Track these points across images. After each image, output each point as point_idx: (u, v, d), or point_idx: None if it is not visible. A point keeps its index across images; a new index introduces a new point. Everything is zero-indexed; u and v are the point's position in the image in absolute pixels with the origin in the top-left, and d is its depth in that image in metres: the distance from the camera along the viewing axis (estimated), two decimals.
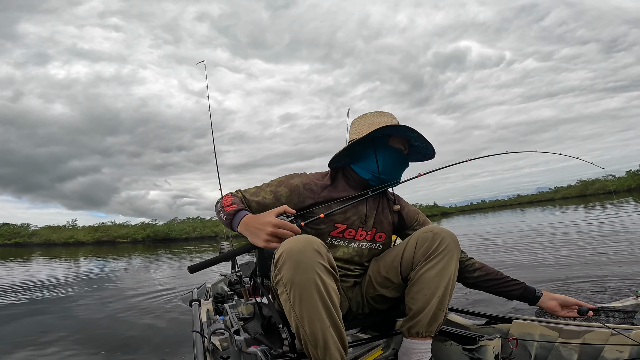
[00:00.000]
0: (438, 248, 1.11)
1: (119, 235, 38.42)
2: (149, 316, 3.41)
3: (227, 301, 2.23)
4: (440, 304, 1.10)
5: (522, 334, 1.26)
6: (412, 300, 1.13)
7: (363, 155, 1.29)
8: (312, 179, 1.27)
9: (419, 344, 1.12)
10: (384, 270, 1.22)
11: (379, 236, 1.30)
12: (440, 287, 1.09)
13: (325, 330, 0.92)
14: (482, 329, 1.40)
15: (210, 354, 1.16)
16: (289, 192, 1.21)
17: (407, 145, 1.31)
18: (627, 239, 5.34)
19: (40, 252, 21.37)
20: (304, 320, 0.92)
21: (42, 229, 42.07)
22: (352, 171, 1.32)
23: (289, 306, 0.93)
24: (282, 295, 0.95)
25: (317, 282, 0.90)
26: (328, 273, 0.94)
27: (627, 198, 21.68)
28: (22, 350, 2.43)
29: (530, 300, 1.25)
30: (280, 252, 0.94)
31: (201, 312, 1.69)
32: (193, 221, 45.45)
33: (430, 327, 1.11)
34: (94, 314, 3.65)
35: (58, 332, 2.89)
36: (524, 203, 70.86)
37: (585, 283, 3.03)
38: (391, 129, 1.24)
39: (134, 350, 2.36)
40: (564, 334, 1.16)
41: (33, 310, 3.94)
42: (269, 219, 0.95)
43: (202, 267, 1.06)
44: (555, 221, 11.40)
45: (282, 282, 0.93)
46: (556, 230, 8.13)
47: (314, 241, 0.94)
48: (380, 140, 1.28)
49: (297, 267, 0.90)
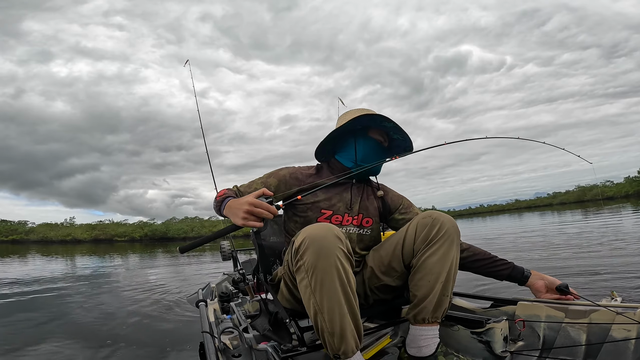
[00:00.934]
0: (438, 233, 1.12)
1: (116, 234, 38.27)
2: (153, 318, 3.40)
3: (233, 300, 2.24)
4: (444, 290, 1.10)
5: (528, 315, 1.27)
6: (416, 287, 1.14)
7: (344, 145, 1.40)
8: (298, 170, 1.39)
9: (426, 330, 1.13)
10: (386, 259, 1.23)
11: (366, 221, 1.35)
12: (442, 272, 1.10)
13: (344, 317, 0.94)
14: (489, 312, 1.41)
15: (221, 353, 1.17)
16: (277, 181, 1.32)
17: (386, 137, 1.41)
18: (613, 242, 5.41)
19: (36, 249, 21.25)
20: (323, 307, 0.93)
21: (40, 227, 41.93)
22: (336, 161, 1.42)
23: (309, 292, 0.95)
24: (302, 281, 0.97)
25: (339, 267, 0.93)
26: (347, 259, 0.97)
27: (624, 204, 21.77)
28: (17, 350, 2.40)
29: (519, 280, 1.31)
30: (303, 238, 0.96)
31: (209, 313, 1.70)
32: (191, 221, 45.39)
33: (436, 313, 1.12)
34: (94, 315, 3.61)
35: (54, 332, 2.85)
36: (522, 208, 71.17)
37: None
38: (368, 119, 1.32)
39: (132, 350, 2.35)
40: (570, 314, 1.17)
41: (27, 308, 3.87)
42: (247, 199, 1.00)
43: (192, 247, 1.12)
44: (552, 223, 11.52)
45: (304, 268, 0.95)
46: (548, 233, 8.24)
47: (334, 228, 0.98)
48: (360, 132, 1.38)
49: (319, 252, 0.93)
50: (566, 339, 1.15)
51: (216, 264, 7.44)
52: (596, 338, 1.09)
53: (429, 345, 1.11)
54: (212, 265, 3.60)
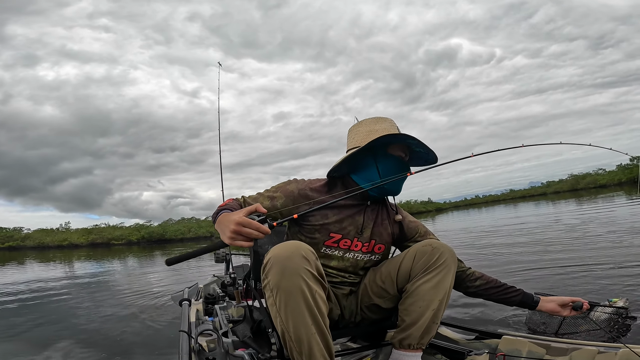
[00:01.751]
0: (437, 262, 1.11)
1: (113, 237, 38.06)
2: (141, 317, 3.40)
3: (218, 302, 2.20)
4: (434, 317, 1.10)
5: (510, 349, 1.26)
6: (406, 312, 1.13)
7: (362, 164, 1.26)
8: (307, 185, 1.26)
9: (409, 356, 1.12)
10: (380, 280, 1.21)
11: (378, 248, 1.28)
12: (435, 300, 1.09)
13: (310, 336, 0.92)
14: (471, 343, 1.40)
15: (195, 354, 1.15)
16: (285, 197, 1.21)
17: (407, 151, 1.28)
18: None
19: (33, 255, 21.14)
20: (289, 326, 0.92)
21: (35, 232, 41.61)
22: (351, 181, 1.29)
23: (275, 311, 0.94)
24: (269, 299, 0.96)
25: (303, 288, 0.91)
26: (315, 280, 0.95)
27: (618, 192, 22.01)
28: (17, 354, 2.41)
29: (530, 305, 1.26)
30: (269, 257, 0.95)
31: (190, 312, 1.68)
32: (188, 221, 45.23)
33: (422, 340, 1.11)
34: (85, 316, 3.63)
35: (50, 334, 2.88)
36: (517, 198, 71.49)
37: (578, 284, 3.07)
38: (391, 137, 1.20)
39: (124, 351, 2.34)
40: (552, 351, 1.15)
41: (26, 313, 3.91)
42: (235, 217, 0.92)
43: (179, 260, 1.05)
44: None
45: (269, 287, 0.95)
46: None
47: (302, 247, 0.95)
48: (380, 149, 1.24)
49: (283, 272, 0.91)
50: None
51: (219, 265, 7.44)
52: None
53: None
54: (214, 268, 3.60)
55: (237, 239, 0.91)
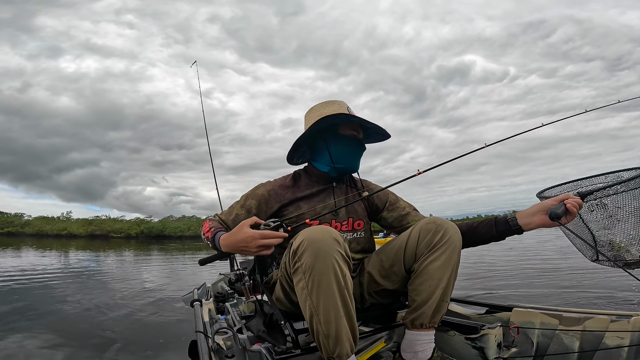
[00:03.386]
0: (442, 239, 1.11)
1: (112, 230, 38.06)
2: (149, 317, 3.38)
3: (228, 300, 2.23)
4: (443, 295, 1.10)
5: (522, 322, 1.27)
6: (416, 291, 1.13)
7: (317, 148, 1.33)
8: (274, 184, 1.32)
9: (422, 335, 1.13)
10: (387, 263, 1.22)
11: (357, 224, 1.33)
12: (444, 278, 1.10)
13: (340, 319, 0.93)
14: (483, 318, 1.41)
15: (215, 353, 1.16)
16: (257, 202, 1.27)
17: (359, 129, 1.32)
18: None
19: (31, 242, 21.08)
20: (319, 308, 0.93)
21: (36, 220, 41.66)
22: (312, 167, 1.36)
23: (306, 294, 0.95)
24: (299, 283, 0.97)
25: (336, 269, 0.93)
26: (344, 261, 0.97)
27: None
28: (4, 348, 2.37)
29: (512, 231, 1.15)
30: (301, 240, 0.96)
31: (203, 312, 1.69)
32: (188, 219, 45.24)
33: (434, 318, 1.12)
34: (86, 313, 3.58)
35: (40, 328, 2.82)
36: None
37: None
38: (334, 117, 1.25)
39: (134, 352, 2.33)
40: (564, 322, 1.17)
41: (17, 306, 3.80)
42: (250, 234, 1.01)
43: (211, 260, 1.15)
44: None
45: (301, 269, 0.95)
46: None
47: (332, 231, 0.98)
48: (329, 131, 1.29)
49: (317, 254, 0.93)
50: (559, 346, 1.15)
51: (219, 265, 7.43)
52: (589, 346, 1.10)
53: (425, 351, 1.11)
54: (214, 268, 3.62)
55: (262, 250, 1.01)
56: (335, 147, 1.29)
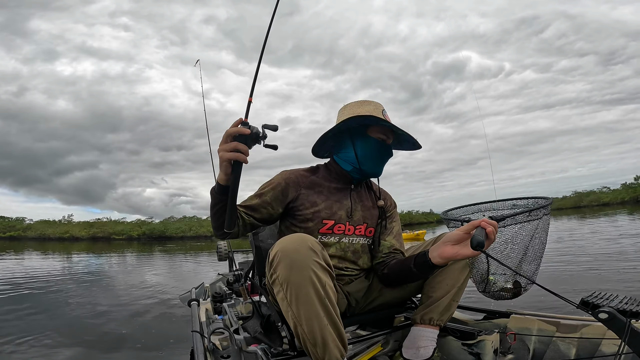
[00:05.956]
0: None
1: (114, 232, 38.17)
2: (147, 316, 3.38)
3: (226, 300, 2.22)
4: (456, 295, 1.17)
5: (520, 328, 1.27)
6: (433, 289, 1.19)
7: (343, 145, 1.28)
8: (293, 172, 1.27)
9: (428, 331, 1.17)
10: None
11: (369, 231, 1.30)
12: (460, 279, 1.17)
13: (324, 328, 0.92)
14: (481, 324, 1.42)
15: (210, 353, 1.17)
16: (272, 190, 1.21)
17: (391, 134, 1.27)
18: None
19: (34, 246, 21.16)
20: (301, 319, 0.91)
21: (37, 223, 41.87)
22: (334, 163, 1.32)
23: (286, 305, 0.93)
24: (278, 294, 0.95)
25: (314, 280, 0.90)
26: (324, 270, 0.94)
27: (621, 211, 21.83)
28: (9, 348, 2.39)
29: (426, 266, 1.07)
30: (275, 252, 0.94)
31: (200, 312, 1.69)
32: (189, 220, 45.31)
33: (443, 316, 1.17)
34: (87, 313, 3.59)
35: (47, 331, 2.86)
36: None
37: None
38: (363, 118, 1.21)
39: (133, 350, 2.34)
40: (562, 329, 1.17)
41: (21, 308, 3.84)
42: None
43: (228, 219, 1.00)
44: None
45: (278, 282, 0.93)
46: None
47: (308, 239, 0.94)
48: (358, 131, 1.26)
49: (292, 265, 0.90)
50: (556, 353, 1.15)
51: (219, 264, 7.45)
52: (586, 353, 1.10)
53: (427, 347, 1.14)
54: (214, 268, 3.60)
55: (227, 155, 0.92)
56: (361, 148, 1.24)
